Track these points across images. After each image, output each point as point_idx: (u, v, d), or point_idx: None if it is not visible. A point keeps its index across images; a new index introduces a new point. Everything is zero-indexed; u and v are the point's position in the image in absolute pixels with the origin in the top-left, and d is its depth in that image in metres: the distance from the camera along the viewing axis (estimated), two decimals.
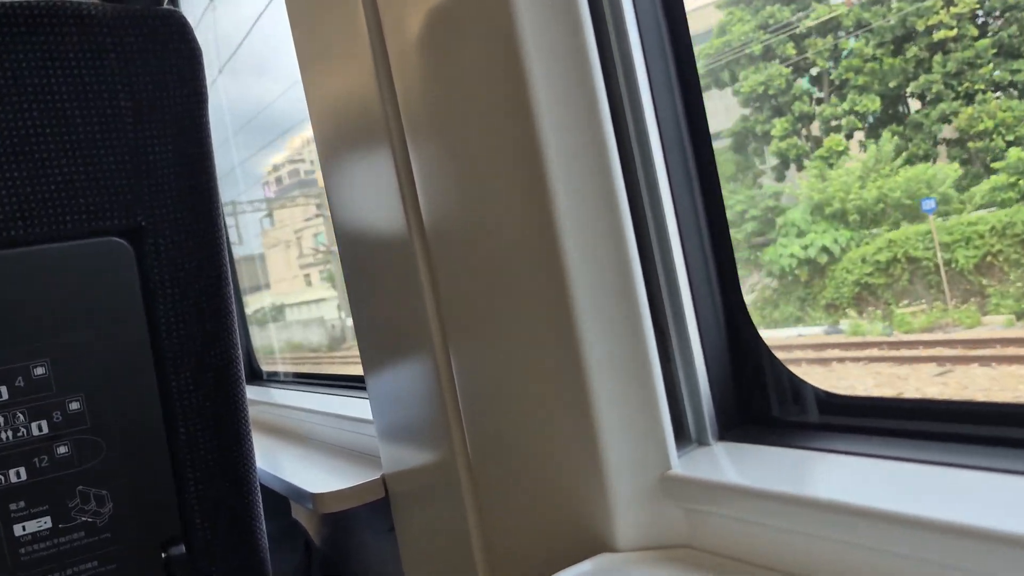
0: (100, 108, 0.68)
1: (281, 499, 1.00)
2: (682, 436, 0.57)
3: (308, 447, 1.08)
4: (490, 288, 0.60)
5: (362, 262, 0.78)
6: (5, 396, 0.66)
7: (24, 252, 0.67)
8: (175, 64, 0.71)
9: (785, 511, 0.47)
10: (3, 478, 0.66)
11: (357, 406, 1.04)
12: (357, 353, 0.83)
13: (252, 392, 1.36)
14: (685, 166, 0.56)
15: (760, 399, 0.57)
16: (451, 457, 0.69)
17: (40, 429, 0.67)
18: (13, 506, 0.66)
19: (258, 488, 0.78)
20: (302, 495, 0.85)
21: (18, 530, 0.66)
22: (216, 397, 0.75)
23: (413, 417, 0.74)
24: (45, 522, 0.67)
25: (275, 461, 1.02)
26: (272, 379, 1.57)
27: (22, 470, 0.67)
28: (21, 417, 0.67)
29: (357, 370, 0.92)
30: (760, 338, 0.56)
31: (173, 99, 0.71)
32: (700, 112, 0.56)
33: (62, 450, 0.68)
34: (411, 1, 0.62)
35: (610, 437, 0.53)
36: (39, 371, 0.67)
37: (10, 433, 0.66)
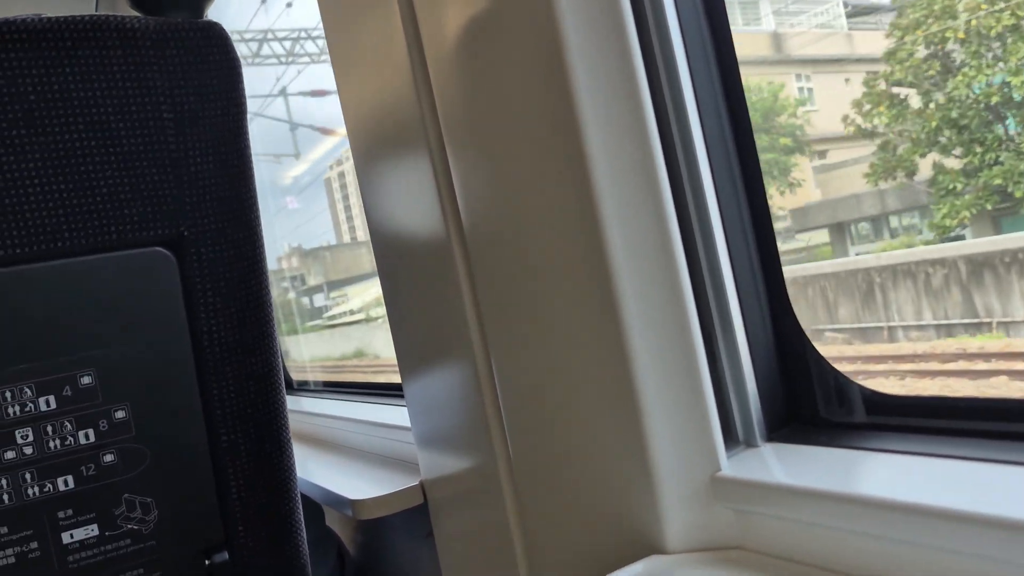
0: (143, 120, 0.69)
1: (315, 507, 1.01)
2: (730, 438, 0.57)
3: (342, 455, 1.08)
4: (532, 291, 0.60)
5: (399, 267, 0.78)
6: (53, 405, 0.67)
7: (71, 263, 0.68)
8: (216, 76, 0.72)
9: (837, 510, 0.47)
10: (51, 486, 0.67)
11: (389, 413, 1.04)
12: None
13: None
14: (729, 166, 0.57)
15: (807, 399, 0.57)
16: (492, 461, 0.70)
17: (87, 438, 0.68)
18: (61, 514, 0.67)
19: (299, 496, 0.78)
20: (341, 502, 0.85)
21: (66, 538, 0.67)
22: (257, 405, 0.76)
23: (453, 422, 0.74)
24: (92, 530, 0.68)
25: (310, 469, 1.02)
26: (303, 388, 1.58)
27: (70, 478, 0.68)
28: (68, 426, 0.68)
29: None
30: (806, 338, 0.57)
31: (214, 110, 0.72)
32: (743, 112, 0.57)
33: (108, 458, 0.69)
34: (449, 6, 0.62)
35: (658, 439, 0.53)
36: (86, 380, 0.68)
37: (58, 442, 0.67)
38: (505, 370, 0.66)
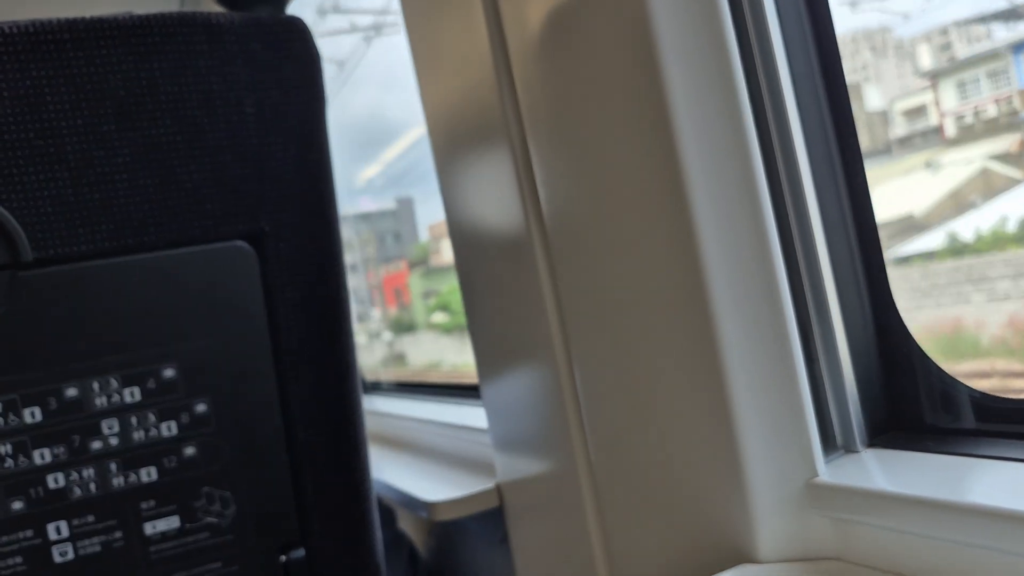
0: (227, 115, 0.70)
1: (387, 509, 1.00)
2: (828, 442, 0.54)
3: (415, 455, 1.08)
4: (617, 289, 0.58)
5: (478, 264, 0.77)
6: (138, 397, 0.68)
7: (156, 257, 0.69)
8: (297, 70, 0.73)
9: (943, 519, 0.44)
10: (136, 477, 0.68)
11: (462, 413, 1.03)
12: None
13: None
14: (829, 159, 0.54)
15: (912, 403, 0.54)
16: (572, 465, 0.68)
17: (169, 430, 0.69)
18: (144, 505, 0.68)
19: (374, 496, 0.78)
20: (416, 503, 0.85)
21: (148, 528, 0.68)
22: (333, 402, 0.75)
23: (532, 424, 0.73)
24: (174, 521, 0.69)
25: (383, 469, 1.02)
26: (376, 388, 1.59)
27: (152, 470, 0.68)
28: (152, 418, 0.68)
29: None
30: (911, 336, 0.53)
31: (295, 104, 0.73)
32: (845, 104, 0.54)
33: (189, 451, 0.70)
34: (532, 7, 0.61)
35: (751, 443, 0.51)
36: (168, 373, 0.69)
37: (143, 433, 0.68)
38: (587, 371, 0.64)
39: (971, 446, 0.50)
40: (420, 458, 1.06)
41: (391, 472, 1.00)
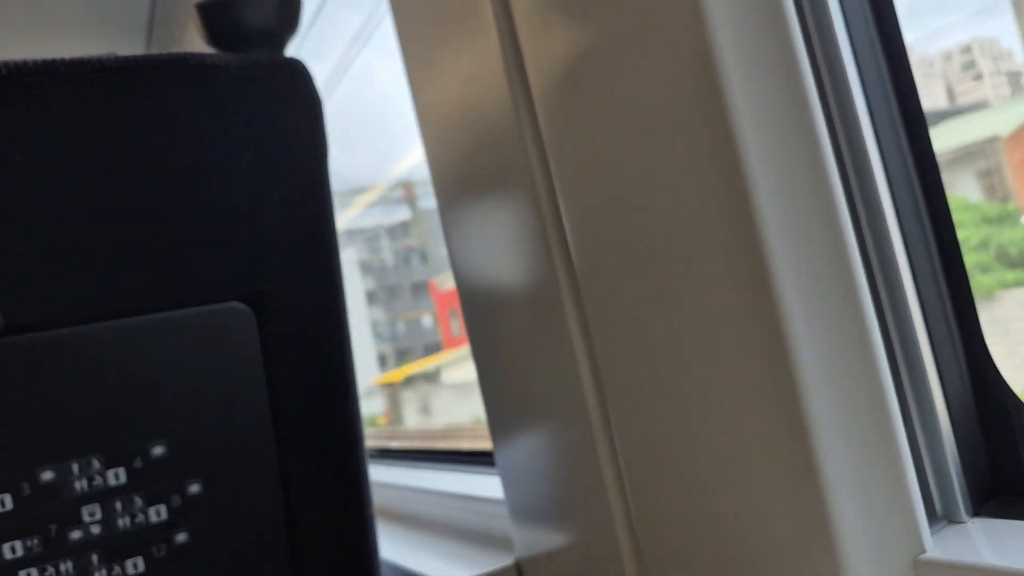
0: (221, 167, 0.64)
1: None
2: (929, 513, 0.48)
3: (424, 530, 1.00)
4: (669, 339, 0.52)
5: (492, 318, 0.71)
6: (123, 479, 0.60)
7: (142, 321, 0.61)
8: (297, 117, 0.67)
9: None
10: (120, 569, 0.59)
11: (473, 483, 0.96)
12: None
13: None
14: (912, 194, 0.49)
15: (1015, 466, 0.48)
16: (612, 536, 0.61)
17: (158, 515, 0.61)
18: None
19: None
20: None
21: None
22: (339, 479, 0.68)
23: (561, 492, 0.66)
24: None
25: (393, 547, 0.94)
26: (384, 456, 1.49)
27: (139, 560, 0.60)
28: (139, 502, 0.60)
29: None
30: (1011, 391, 0.48)
31: (295, 155, 0.67)
32: (922, 129, 0.49)
33: (180, 538, 0.62)
34: (560, 23, 0.56)
35: (845, 515, 0.44)
36: (157, 451, 0.61)
37: (128, 519, 0.60)
38: (628, 431, 0.57)
39: None
40: (424, 531, 0.98)
41: (404, 550, 0.92)
